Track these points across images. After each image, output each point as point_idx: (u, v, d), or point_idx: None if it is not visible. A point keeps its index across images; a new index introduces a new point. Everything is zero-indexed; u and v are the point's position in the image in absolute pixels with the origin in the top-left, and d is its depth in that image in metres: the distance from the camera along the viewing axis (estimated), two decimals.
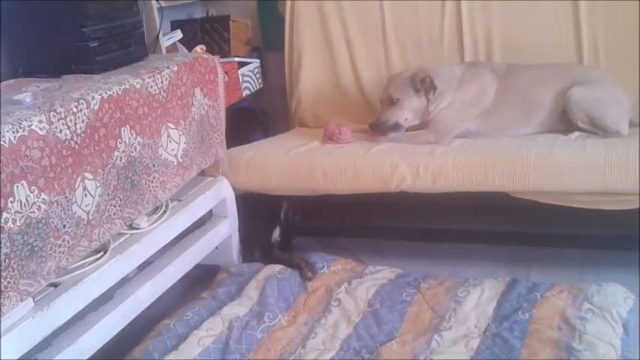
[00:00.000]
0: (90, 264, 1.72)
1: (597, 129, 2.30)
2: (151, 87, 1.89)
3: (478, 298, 2.04)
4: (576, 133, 2.32)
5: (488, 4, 2.68)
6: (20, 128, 1.43)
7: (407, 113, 2.49)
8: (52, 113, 1.52)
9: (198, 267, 2.24)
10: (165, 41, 2.52)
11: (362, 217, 2.68)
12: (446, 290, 2.10)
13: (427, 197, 2.26)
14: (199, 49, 2.81)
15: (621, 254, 2.21)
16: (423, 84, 2.44)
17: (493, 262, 2.41)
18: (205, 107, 2.17)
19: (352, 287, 2.17)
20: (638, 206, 2.03)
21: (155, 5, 2.42)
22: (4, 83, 1.90)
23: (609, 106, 2.31)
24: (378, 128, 2.50)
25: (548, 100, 2.40)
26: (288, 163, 2.39)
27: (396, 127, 2.49)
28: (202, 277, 2.31)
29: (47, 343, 1.59)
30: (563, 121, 2.38)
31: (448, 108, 2.46)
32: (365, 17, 2.89)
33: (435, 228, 2.45)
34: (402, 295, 2.10)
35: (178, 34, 2.62)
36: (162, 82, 1.94)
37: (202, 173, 2.27)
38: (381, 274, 2.27)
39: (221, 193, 2.33)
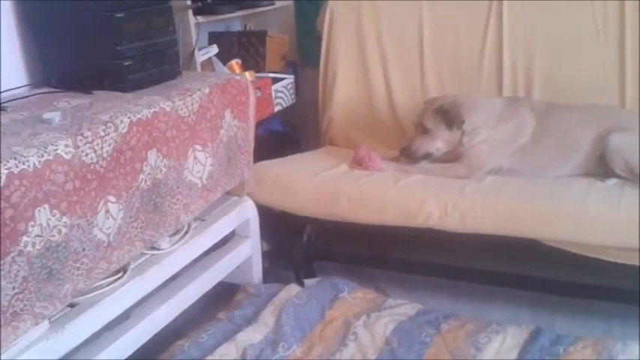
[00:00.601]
0: (108, 285, 1.72)
1: (635, 177, 2.21)
2: (181, 109, 1.88)
3: (499, 346, 1.98)
4: (613, 180, 2.23)
5: (532, 39, 2.61)
6: (46, 152, 1.43)
7: (439, 143, 2.43)
8: (79, 137, 1.52)
9: (218, 284, 2.24)
10: (201, 56, 2.53)
11: (386, 246, 2.64)
12: (466, 334, 2.05)
13: (454, 235, 2.21)
14: (235, 63, 2.82)
15: None
16: (448, 115, 2.38)
17: (518, 306, 2.35)
18: (234, 128, 2.15)
19: (371, 321, 2.14)
20: None
21: (193, 21, 2.42)
22: (35, 95, 1.91)
23: None
24: (408, 155, 2.46)
25: (587, 143, 2.31)
26: (314, 186, 2.36)
27: (427, 155, 2.44)
28: (221, 295, 2.30)
29: None
30: (601, 165, 2.30)
31: (483, 143, 2.40)
32: (403, 40, 2.84)
33: (460, 266, 2.39)
34: (422, 336, 2.06)
35: (214, 49, 2.62)
36: (192, 104, 1.92)
37: (227, 192, 2.25)
38: (401, 308, 2.23)
39: (245, 214, 2.32)
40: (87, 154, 1.54)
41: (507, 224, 2.09)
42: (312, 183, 2.38)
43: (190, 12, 2.45)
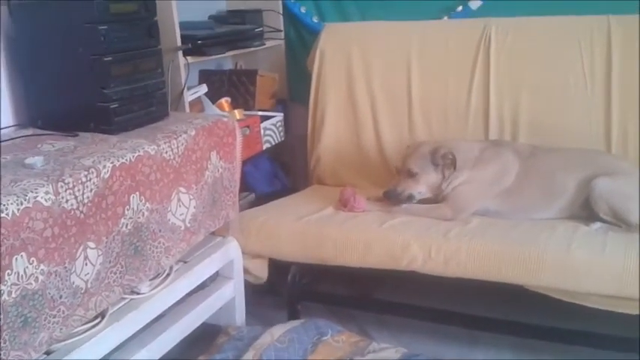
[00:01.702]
0: (85, 331, 1.69)
1: (620, 222, 2.22)
2: (166, 152, 1.88)
3: None
4: (598, 224, 2.24)
5: (518, 84, 2.65)
6: (25, 200, 1.42)
7: (423, 187, 2.45)
8: (59, 183, 1.52)
9: (200, 325, 2.21)
10: (190, 96, 2.54)
11: (370, 288, 2.63)
12: None
13: (438, 278, 2.20)
14: (224, 101, 2.84)
15: (632, 357, 2.11)
16: (444, 160, 2.40)
17: (500, 350, 2.34)
18: (220, 170, 2.15)
19: None
20: None
21: (182, 61, 2.44)
22: (20, 137, 1.91)
23: (634, 200, 2.22)
24: (392, 197, 2.46)
25: (572, 186, 2.33)
26: (299, 231, 2.36)
27: (410, 198, 2.45)
28: (203, 337, 2.27)
29: None
30: (586, 209, 2.31)
31: (466, 184, 2.41)
32: (391, 83, 2.88)
33: (444, 310, 2.37)
34: None
35: (203, 89, 2.64)
36: (177, 147, 1.93)
37: (212, 233, 2.24)
38: (384, 353, 2.20)
39: (229, 255, 2.31)
40: (67, 201, 1.54)
41: (492, 269, 2.10)
42: (297, 228, 2.38)
43: (180, 53, 2.46)
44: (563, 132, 2.56)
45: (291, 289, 2.50)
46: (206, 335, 2.28)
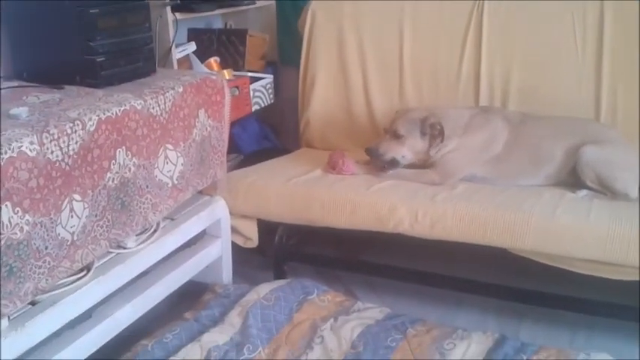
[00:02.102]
0: (71, 283, 1.70)
1: (606, 190, 2.24)
2: (153, 108, 1.86)
3: (463, 353, 1.98)
4: (584, 192, 2.26)
5: (510, 51, 2.63)
6: (9, 149, 1.41)
7: (407, 152, 2.44)
8: (44, 134, 1.50)
9: (187, 283, 2.23)
10: (178, 53, 2.51)
11: (357, 250, 2.65)
12: (432, 340, 2.05)
13: (424, 240, 2.22)
14: (213, 60, 2.81)
15: (615, 323, 2.16)
16: (432, 129, 2.40)
17: (484, 313, 2.37)
18: (208, 128, 2.14)
19: (338, 325, 2.13)
20: (638, 278, 1.98)
21: (171, 17, 2.40)
22: (5, 89, 1.88)
23: (620, 168, 2.24)
24: (373, 155, 2.45)
25: (559, 154, 2.34)
26: (287, 192, 2.36)
27: (393, 162, 2.44)
28: (189, 294, 2.29)
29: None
30: (573, 176, 2.32)
31: (454, 151, 2.41)
32: (383, 46, 2.85)
33: (429, 272, 2.40)
34: (387, 340, 2.05)
35: (192, 47, 2.60)
36: (165, 103, 1.91)
37: (199, 191, 2.24)
38: (369, 312, 2.23)
39: (216, 214, 2.31)
40: (52, 152, 1.52)
41: (477, 233, 2.12)
42: (286, 189, 2.39)
43: (169, 9, 2.42)
44: (553, 100, 2.55)
45: (278, 250, 2.52)
46: (192, 293, 2.30)
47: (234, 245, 2.46)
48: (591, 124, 2.47)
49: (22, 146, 1.44)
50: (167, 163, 1.95)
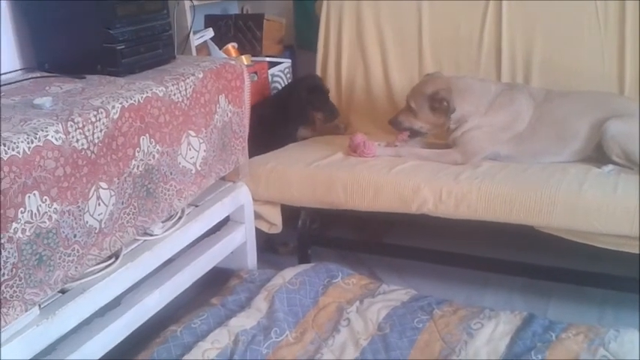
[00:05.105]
0: (100, 271, 1.71)
1: (632, 164, 2.20)
2: (174, 95, 1.86)
3: (491, 332, 1.97)
4: (610, 167, 2.22)
5: (531, 25, 2.59)
6: (35, 138, 1.42)
7: (422, 124, 2.46)
8: (69, 123, 1.51)
9: (212, 269, 2.24)
10: (196, 40, 2.51)
11: (381, 233, 2.64)
12: (459, 320, 2.04)
13: (449, 221, 2.21)
14: (231, 46, 2.80)
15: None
16: (440, 104, 2.37)
17: (511, 292, 2.36)
18: (229, 114, 2.14)
19: (364, 307, 2.13)
20: None
21: (188, 4, 2.39)
22: (27, 80, 1.89)
23: None
24: (394, 126, 2.49)
25: (584, 130, 2.30)
26: (309, 176, 2.35)
27: (414, 132, 2.46)
28: (215, 281, 2.30)
29: (51, 347, 1.60)
30: (598, 151, 2.29)
31: (477, 129, 2.38)
32: (401, 24, 2.83)
33: (455, 252, 2.39)
34: (414, 322, 2.05)
35: (210, 33, 2.60)
36: (186, 89, 1.91)
37: (222, 178, 2.24)
38: (394, 294, 2.22)
39: (239, 200, 2.31)
40: (78, 140, 1.53)
41: (502, 211, 2.09)
42: (307, 173, 2.38)
43: None
44: (576, 73, 2.52)
45: (301, 234, 2.52)
46: (218, 279, 2.32)
47: (257, 231, 2.47)
48: (615, 98, 2.43)
49: (47, 135, 1.45)
50: (190, 149, 1.96)
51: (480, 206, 2.11)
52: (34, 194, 1.42)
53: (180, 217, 2.03)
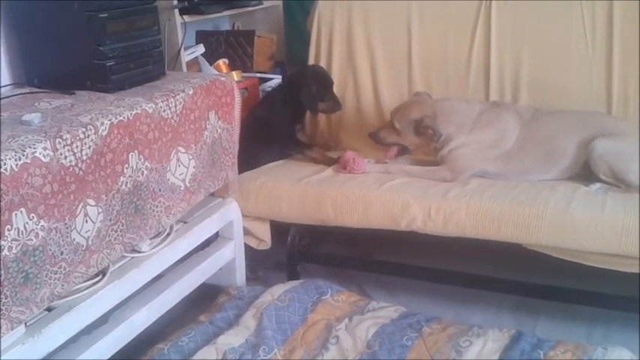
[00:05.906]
0: (87, 288, 1.70)
1: (619, 182, 2.22)
2: (164, 111, 1.86)
3: (480, 350, 1.97)
4: (598, 185, 2.24)
5: (519, 44, 2.62)
6: (23, 155, 1.41)
7: (406, 143, 2.49)
8: (57, 140, 1.50)
9: (201, 286, 2.23)
10: (187, 56, 2.51)
11: (370, 249, 2.63)
12: (448, 338, 2.04)
13: (438, 238, 2.21)
14: (222, 62, 2.81)
15: (631, 316, 2.14)
16: (426, 131, 2.40)
17: (500, 309, 2.36)
18: (219, 130, 2.14)
19: (353, 324, 2.12)
20: None
21: (179, 20, 2.40)
22: (16, 95, 1.89)
23: (633, 160, 2.22)
24: (374, 139, 2.52)
25: (572, 148, 2.32)
26: (298, 192, 2.36)
27: (402, 149, 2.50)
28: (204, 297, 2.29)
29: None
30: (586, 169, 2.30)
31: (464, 147, 2.40)
32: (391, 42, 2.85)
33: (444, 270, 2.39)
34: (403, 339, 2.04)
35: (200, 49, 2.61)
36: (175, 106, 1.91)
37: (211, 194, 2.24)
38: (383, 311, 2.22)
39: (228, 216, 2.31)
40: (66, 157, 1.53)
41: (491, 229, 2.10)
42: (297, 189, 2.38)
43: (177, 11, 2.43)
44: (564, 92, 2.54)
45: (290, 251, 2.51)
46: (207, 295, 2.30)
47: (246, 247, 2.46)
48: (603, 117, 2.45)
49: (35, 152, 1.44)
50: (179, 165, 1.95)
51: (469, 223, 2.12)
52: (21, 211, 1.41)
53: (168, 234, 2.02)
